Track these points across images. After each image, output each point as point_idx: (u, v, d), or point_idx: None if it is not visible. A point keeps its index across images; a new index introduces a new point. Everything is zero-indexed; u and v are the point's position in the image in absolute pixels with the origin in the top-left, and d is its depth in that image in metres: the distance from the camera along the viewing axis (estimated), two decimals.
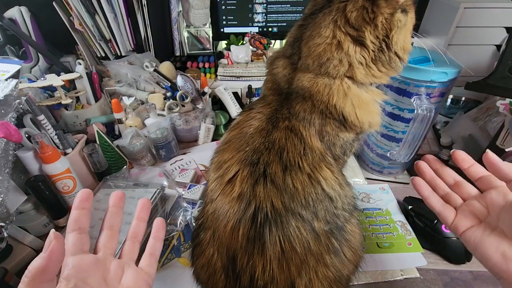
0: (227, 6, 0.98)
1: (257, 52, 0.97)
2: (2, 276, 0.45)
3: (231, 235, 0.35)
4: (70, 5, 0.82)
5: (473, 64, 0.77)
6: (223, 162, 0.38)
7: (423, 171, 0.39)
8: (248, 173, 0.35)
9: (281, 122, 0.38)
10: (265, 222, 0.33)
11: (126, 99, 0.82)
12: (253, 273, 0.34)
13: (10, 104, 0.49)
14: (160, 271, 0.51)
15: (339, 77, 0.38)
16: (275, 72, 0.42)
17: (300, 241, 0.34)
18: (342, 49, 0.37)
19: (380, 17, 0.35)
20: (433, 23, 0.89)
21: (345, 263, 0.38)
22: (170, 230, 0.56)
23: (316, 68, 0.38)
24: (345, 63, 0.37)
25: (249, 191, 0.34)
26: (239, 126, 0.41)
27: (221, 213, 0.36)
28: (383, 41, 0.37)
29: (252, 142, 0.37)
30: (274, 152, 0.36)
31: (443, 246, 0.52)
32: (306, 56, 0.39)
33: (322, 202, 0.36)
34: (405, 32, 0.38)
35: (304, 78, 0.39)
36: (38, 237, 0.55)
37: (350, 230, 0.39)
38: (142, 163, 0.72)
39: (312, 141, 0.38)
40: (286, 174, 0.35)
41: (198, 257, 0.40)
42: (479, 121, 0.73)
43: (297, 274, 0.34)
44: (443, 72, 0.52)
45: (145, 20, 0.88)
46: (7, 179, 0.47)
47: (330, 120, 0.39)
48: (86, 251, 0.31)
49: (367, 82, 0.39)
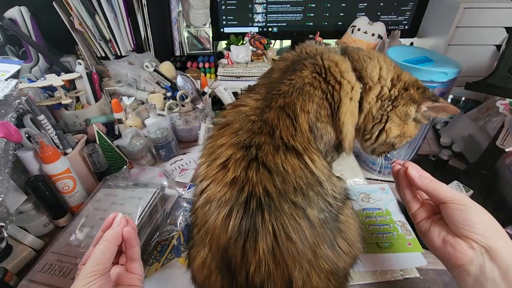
0: (227, 6, 0.98)
1: (257, 52, 0.97)
2: (2, 276, 0.45)
3: (222, 229, 0.33)
4: (70, 5, 0.82)
5: (473, 64, 0.77)
6: (217, 147, 0.37)
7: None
8: (241, 156, 0.35)
9: (274, 102, 0.38)
10: (257, 209, 0.32)
11: (126, 99, 0.82)
12: (247, 270, 0.33)
13: (10, 104, 0.49)
14: (160, 271, 0.51)
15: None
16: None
17: (294, 228, 0.33)
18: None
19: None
20: (433, 23, 0.90)
21: (341, 255, 0.37)
22: (170, 230, 0.56)
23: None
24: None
25: (242, 175, 0.34)
26: (236, 106, 0.41)
27: (212, 205, 0.35)
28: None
29: (246, 124, 0.37)
30: (266, 132, 0.36)
31: None
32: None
33: (313, 187, 0.35)
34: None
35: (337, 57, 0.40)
36: (38, 237, 0.55)
37: (344, 220, 0.38)
38: (142, 163, 0.72)
39: (303, 123, 0.37)
40: (276, 156, 0.34)
41: (194, 259, 0.39)
42: (479, 121, 0.73)
43: (294, 267, 0.33)
44: (443, 72, 0.52)
45: (145, 20, 0.88)
46: (7, 179, 0.47)
47: (327, 104, 0.39)
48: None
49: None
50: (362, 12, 0.97)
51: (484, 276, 0.33)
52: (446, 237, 0.36)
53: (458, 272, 0.35)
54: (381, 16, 0.98)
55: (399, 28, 0.98)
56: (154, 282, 0.49)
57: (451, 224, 0.36)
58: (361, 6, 0.96)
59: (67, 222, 0.57)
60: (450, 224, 0.36)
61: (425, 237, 0.40)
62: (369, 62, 0.42)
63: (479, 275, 0.33)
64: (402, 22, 0.98)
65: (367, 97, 0.41)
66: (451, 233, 0.36)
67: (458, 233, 0.35)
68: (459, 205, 0.35)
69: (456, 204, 0.36)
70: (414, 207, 0.42)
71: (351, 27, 0.93)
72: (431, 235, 0.38)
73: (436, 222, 0.39)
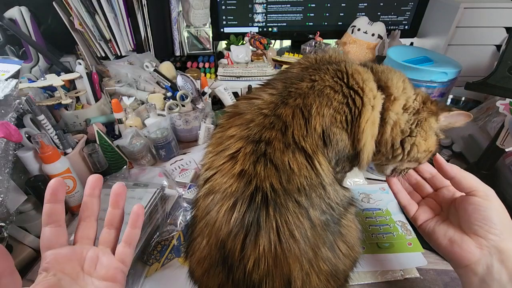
0: (227, 6, 0.98)
1: (257, 52, 0.97)
2: None
3: (223, 221, 0.33)
4: (70, 5, 0.82)
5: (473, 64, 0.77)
6: (226, 138, 0.37)
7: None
8: (250, 150, 0.34)
9: (292, 99, 0.37)
10: (262, 204, 0.32)
11: (126, 99, 0.82)
12: (245, 265, 0.32)
13: (10, 104, 0.49)
14: (160, 271, 0.51)
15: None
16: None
17: (297, 227, 0.32)
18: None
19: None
20: (433, 23, 0.90)
21: (340, 258, 0.37)
22: (170, 230, 0.56)
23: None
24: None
25: (251, 168, 0.33)
26: (249, 98, 0.40)
27: (216, 196, 0.34)
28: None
29: (257, 116, 0.36)
30: (278, 128, 0.35)
31: None
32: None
33: (316, 189, 0.35)
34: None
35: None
36: (38, 237, 0.55)
37: (345, 224, 0.38)
38: (142, 163, 0.72)
39: (316, 125, 0.36)
40: (284, 154, 0.34)
41: (194, 252, 0.38)
42: (479, 121, 0.73)
43: (294, 266, 0.32)
44: (443, 72, 0.52)
45: (145, 20, 0.88)
46: (7, 179, 0.47)
47: (346, 109, 0.38)
48: (63, 243, 0.32)
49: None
50: (362, 12, 0.97)
51: (491, 276, 0.32)
52: (453, 237, 0.36)
53: (464, 272, 0.35)
54: (381, 16, 0.98)
55: (399, 28, 0.98)
56: (154, 282, 0.49)
57: (466, 220, 0.35)
58: (361, 6, 0.96)
59: (67, 222, 0.56)
60: (465, 220, 0.35)
61: (430, 238, 0.39)
62: (393, 74, 0.41)
63: (486, 275, 0.33)
64: (402, 22, 0.99)
65: (393, 108, 0.39)
66: (458, 232, 0.36)
67: (471, 231, 0.35)
68: (482, 199, 0.34)
69: (478, 198, 0.35)
70: (413, 210, 0.42)
71: (351, 27, 0.93)
72: (437, 236, 0.38)
73: (441, 222, 0.39)
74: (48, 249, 0.31)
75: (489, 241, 0.33)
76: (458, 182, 0.37)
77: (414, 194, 0.45)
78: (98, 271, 0.33)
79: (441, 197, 0.42)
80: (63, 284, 0.30)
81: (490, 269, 0.33)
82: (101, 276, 0.33)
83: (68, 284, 0.30)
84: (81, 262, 0.33)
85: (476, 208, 0.34)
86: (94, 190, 0.35)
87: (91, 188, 0.35)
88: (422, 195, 0.45)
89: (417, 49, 0.68)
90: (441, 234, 0.37)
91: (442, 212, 0.41)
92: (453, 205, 0.40)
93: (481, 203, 0.34)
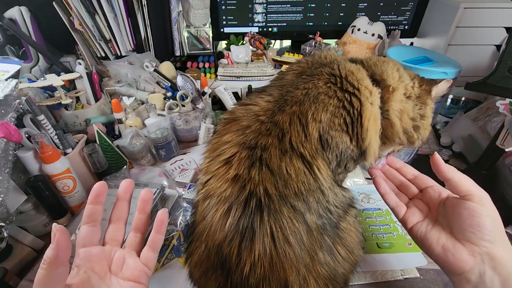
0: (227, 6, 0.98)
1: (257, 52, 0.97)
2: (2, 276, 0.45)
3: (219, 226, 0.33)
4: (70, 5, 0.82)
5: (473, 64, 0.77)
6: (222, 143, 0.37)
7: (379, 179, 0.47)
8: (246, 155, 0.34)
9: (288, 107, 0.37)
10: (257, 209, 0.32)
11: (126, 99, 0.82)
12: (242, 269, 0.32)
13: (10, 104, 0.49)
14: (160, 271, 0.51)
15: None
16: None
17: (292, 232, 0.32)
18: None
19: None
20: (433, 23, 0.90)
21: (339, 261, 0.36)
22: (170, 230, 0.56)
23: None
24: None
25: (245, 173, 0.33)
26: (245, 104, 0.40)
27: (212, 200, 0.34)
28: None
29: (254, 123, 0.36)
30: (275, 134, 0.35)
31: None
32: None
33: (314, 194, 0.35)
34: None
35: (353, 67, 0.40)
36: (38, 237, 0.55)
37: (345, 227, 0.38)
38: (142, 163, 0.72)
39: (313, 131, 0.36)
40: (281, 160, 0.34)
41: (192, 254, 0.39)
42: (479, 121, 0.73)
43: (291, 271, 0.32)
44: (443, 72, 0.52)
45: (145, 20, 0.88)
46: (7, 179, 0.47)
47: (344, 112, 0.37)
48: (95, 243, 0.34)
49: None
50: (362, 12, 0.97)
51: (483, 284, 0.32)
52: (446, 244, 0.35)
53: (458, 280, 0.35)
54: (381, 16, 0.98)
55: (399, 28, 0.98)
56: (154, 282, 0.49)
57: (460, 226, 0.35)
58: (361, 6, 0.96)
59: (67, 222, 0.57)
60: (458, 225, 0.35)
61: (422, 244, 0.38)
62: (387, 65, 0.41)
63: (479, 283, 0.33)
64: (402, 22, 0.99)
65: (393, 98, 0.39)
66: (450, 238, 0.35)
67: (464, 237, 0.34)
68: (477, 204, 0.34)
69: (473, 203, 0.34)
70: (401, 212, 0.41)
71: (351, 27, 0.93)
72: (429, 242, 0.37)
73: (433, 225, 0.38)
74: (82, 246, 0.33)
75: (482, 248, 0.33)
76: (454, 185, 0.36)
77: (401, 195, 0.44)
78: (124, 272, 0.34)
79: (428, 197, 0.41)
80: (92, 282, 0.31)
81: (483, 276, 0.32)
82: (126, 277, 0.34)
83: (97, 282, 0.32)
84: (109, 262, 0.34)
85: (470, 214, 0.34)
86: (125, 194, 0.37)
87: (124, 192, 0.37)
88: (408, 196, 0.44)
89: (417, 49, 0.68)
90: (434, 241, 0.36)
91: (430, 213, 0.40)
92: (441, 205, 0.39)
93: (476, 209, 0.34)
